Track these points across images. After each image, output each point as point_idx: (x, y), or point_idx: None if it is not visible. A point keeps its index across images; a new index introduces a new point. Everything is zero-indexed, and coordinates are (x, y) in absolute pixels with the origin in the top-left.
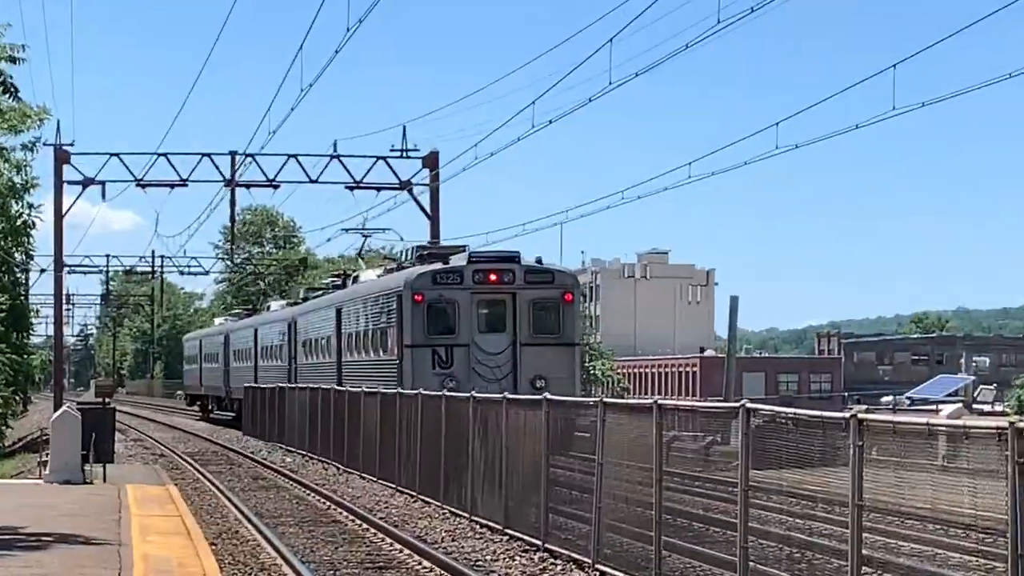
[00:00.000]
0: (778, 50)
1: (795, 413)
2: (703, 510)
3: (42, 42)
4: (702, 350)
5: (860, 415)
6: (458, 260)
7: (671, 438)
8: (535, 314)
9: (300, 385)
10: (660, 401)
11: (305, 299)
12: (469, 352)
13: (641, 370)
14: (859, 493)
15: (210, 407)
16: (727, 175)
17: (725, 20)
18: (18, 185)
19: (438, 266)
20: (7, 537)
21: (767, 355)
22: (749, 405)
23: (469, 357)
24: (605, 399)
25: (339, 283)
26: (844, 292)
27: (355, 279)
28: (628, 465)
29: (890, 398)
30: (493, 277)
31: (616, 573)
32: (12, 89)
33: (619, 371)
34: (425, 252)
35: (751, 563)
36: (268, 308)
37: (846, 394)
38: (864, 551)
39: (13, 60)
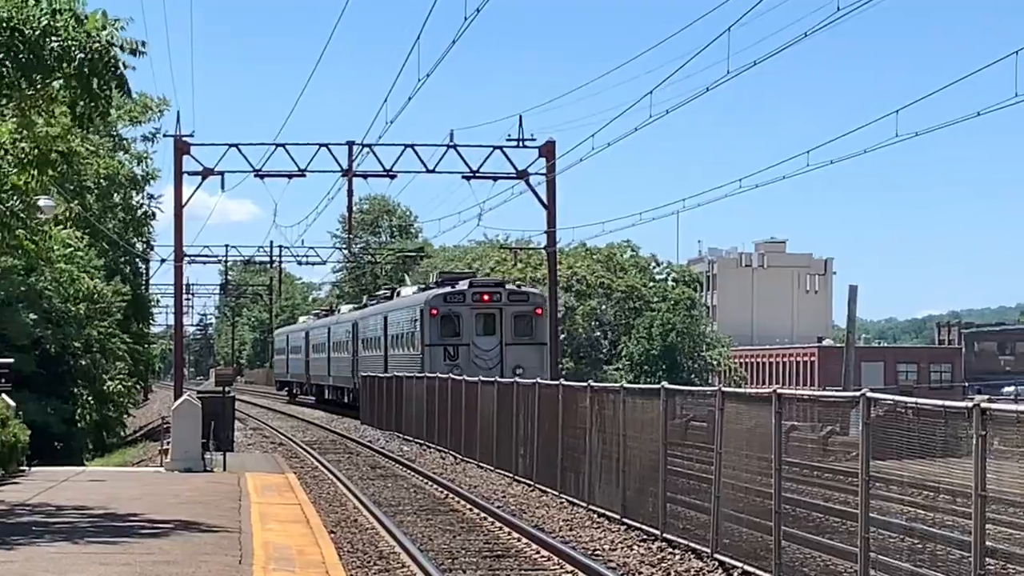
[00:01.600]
0: (898, 37)
1: (916, 402)
2: (823, 500)
3: (162, 34)
4: (820, 340)
5: (983, 404)
6: (462, 285)
7: (789, 428)
8: (515, 323)
9: (417, 375)
10: (779, 390)
11: (364, 306)
12: (470, 349)
13: (758, 360)
14: (982, 484)
15: (295, 391)
16: (846, 163)
17: (844, 8)
18: (139, 176)
19: (448, 289)
20: (130, 524)
21: (886, 345)
22: (870, 394)
23: (470, 353)
24: (724, 388)
25: (388, 295)
26: (964, 281)
27: (398, 293)
28: (746, 455)
29: (1012, 388)
30: (486, 297)
31: (735, 563)
32: (126, 87)
33: (736, 360)
34: (443, 279)
35: (872, 554)
36: (339, 311)
37: (966, 384)
38: (988, 542)
39: (134, 52)
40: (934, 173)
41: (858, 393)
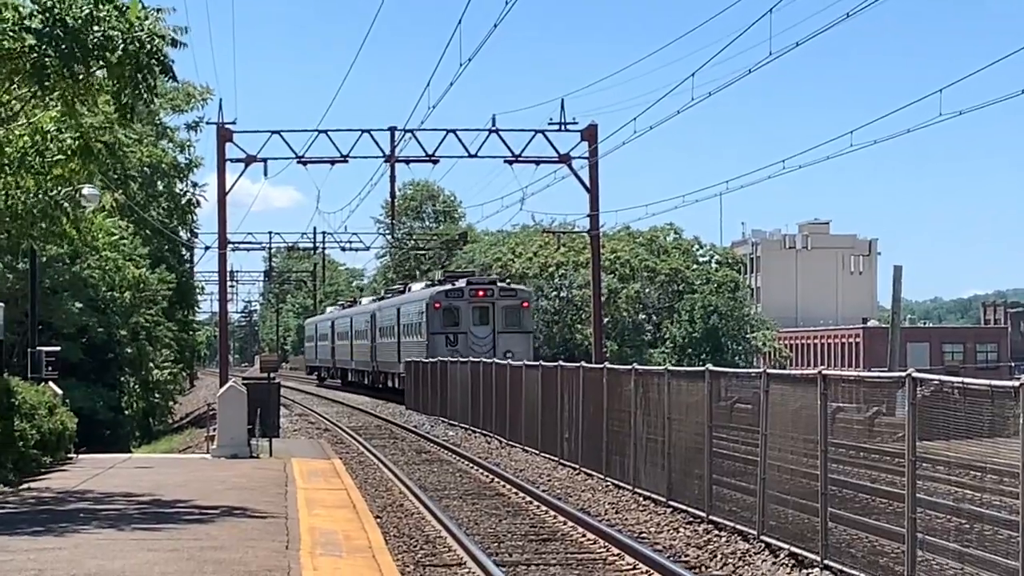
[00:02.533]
0: (941, 16)
1: (962, 382)
2: (869, 481)
3: (204, 21)
4: (865, 321)
5: None
6: (461, 283)
7: (835, 409)
8: (506, 315)
9: (460, 360)
10: (825, 372)
11: (382, 298)
12: (467, 337)
13: (803, 341)
14: None
15: (323, 375)
16: (890, 143)
17: None
18: (182, 164)
19: (449, 286)
20: (176, 510)
21: (931, 325)
22: (915, 375)
23: (467, 340)
24: (769, 370)
25: (402, 289)
26: (1010, 260)
27: (410, 288)
28: (792, 437)
29: None
30: (481, 293)
31: (781, 544)
32: (171, 72)
33: (780, 343)
34: (446, 276)
35: (919, 534)
36: (361, 302)
37: (1013, 364)
38: None
39: (174, 43)
40: (979, 152)
41: (904, 374)
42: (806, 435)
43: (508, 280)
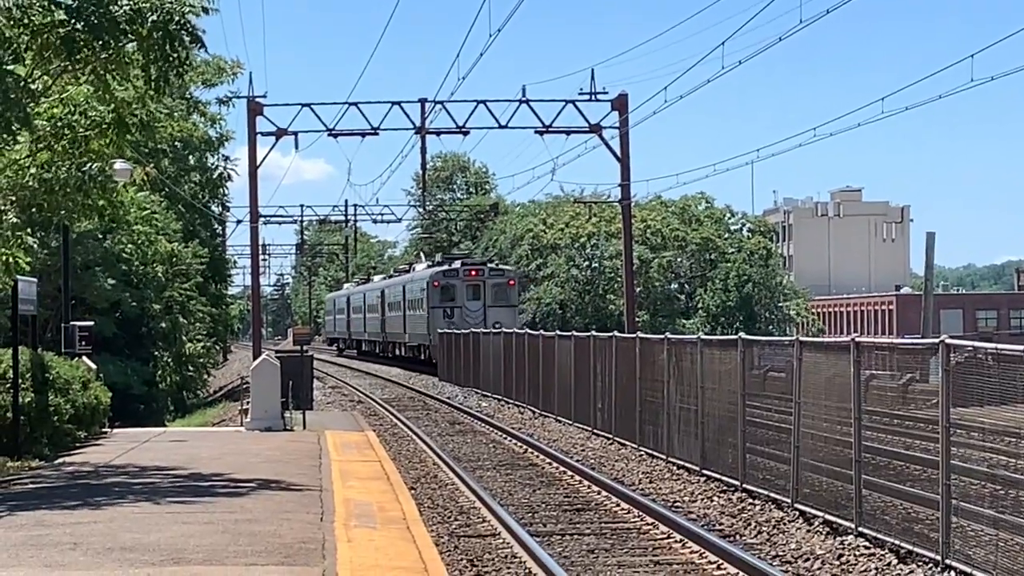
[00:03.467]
0: None
1: (996, 348)
2: (903, 448)
3: None
4: (898, 288)
5: None
6: (457, 264)
7: (868, 377)
8: (494, 291)
9: (493, 331)
10: (858, 339)
11: (390, 276)
12: (462, 311)
13: (836, 309)
14: None
15: (340, 346)
16: (921, 109)
17: None
18: (213, 139)
19: (446, 267)
20: (211, 483)
21: (964, 292)
22: (949, 341)
23: (462, 313)
24: (802, 338)
25: (407, 269)
26: None
27: (413, 268)
28: (825, 404)
29: None
30: (473, 272)
31: (815, 512)
32: (201, 41)
33: (813, 311)
34: (444, 259)
35: (954, 501)
36: (372, 280)
37: None
38: None
39: (205, 10)
40: (1011, 117)
41: (937, 340)
42: (839, 403)
43: (496, 261)
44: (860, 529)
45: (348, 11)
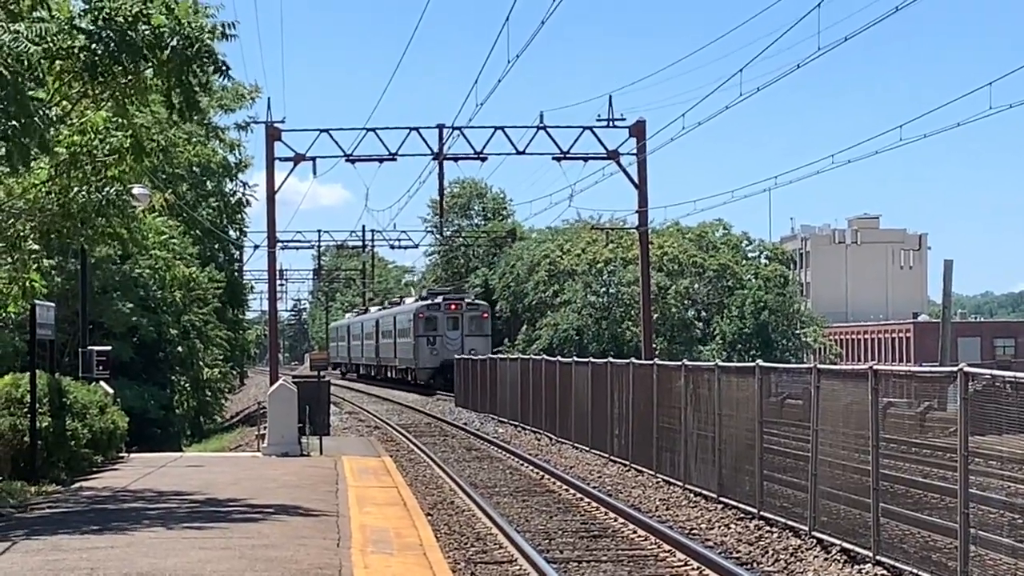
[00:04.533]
0: (990, 8)
1: (1015, 377)
2: (921, 477)
3: (253, 21)
4: (915, 315)
5: None
6: (439, 299)
7: (886, 404)
8: (471, 322)
9: (510, 356)
10: (876, 367)
11: (384, 308)
12: (443, 339)
13: (853, 336)
14: None
15: (343, 370)
16: (940, 137)
17: None
18: (232, 164)
19: (430, 301)
20: (228, 509)
21: (982, 319)
22: (967, 369)
23: (443, 342)
24: (819, 365)
25: (398, 301)
26: None
27: (403, 301)
28: (843, 432)
29: None
30: (453, 306)
31: (833, 540)
32: (224, 67)
33: (830, 338)
34: (430, 293)
35: (972, 529)
36: (368, 311)
37: None
38: None
39: (224, 36)
40: None
41: (955, 368)
42: (857, 430)
43: (473, 296)
44: (878, 558)
45: (366, 37)
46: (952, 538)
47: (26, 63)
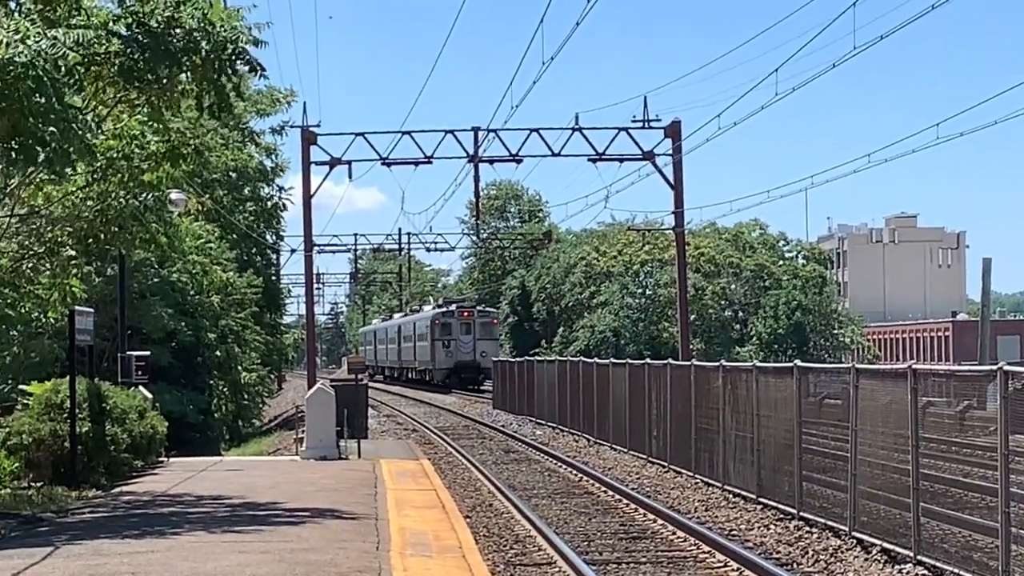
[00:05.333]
0: None
1: None
2: (961, 476)
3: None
4: (954, 314)
5: None
6: (453, 307)
7: (925, 404)
8: (482, 328)
9: (548, 359)
10: (915, 366)
11: (406, 315)
12: (457, 343)
13: (891, 336)
14: None
15: (371, 373)
16: (977, 135)
17: None
18: (268, 169)
19: (445, 308)
20: (267, 512)
21: (1022, 318)
22: (1007, 368)
23: (457, 345)
24: (858, 365)
25: (418, 309)
26: None
27: (422, 308)
28: (882, 432)
29: None
30: (466, 314)
31: (873, 540)
32: (259, 67)
33: (869, 337)
34: (446, 302)
35: (1013, 528)
36: (392, 317)
37: None
38: None
39: (256, 43)
40: None
41: (995, 367)
42: (896, 430)
43: (484, 305)
44: (919, 558)
45: (401, 40)
46: (993, 537)
47: (63, 69)
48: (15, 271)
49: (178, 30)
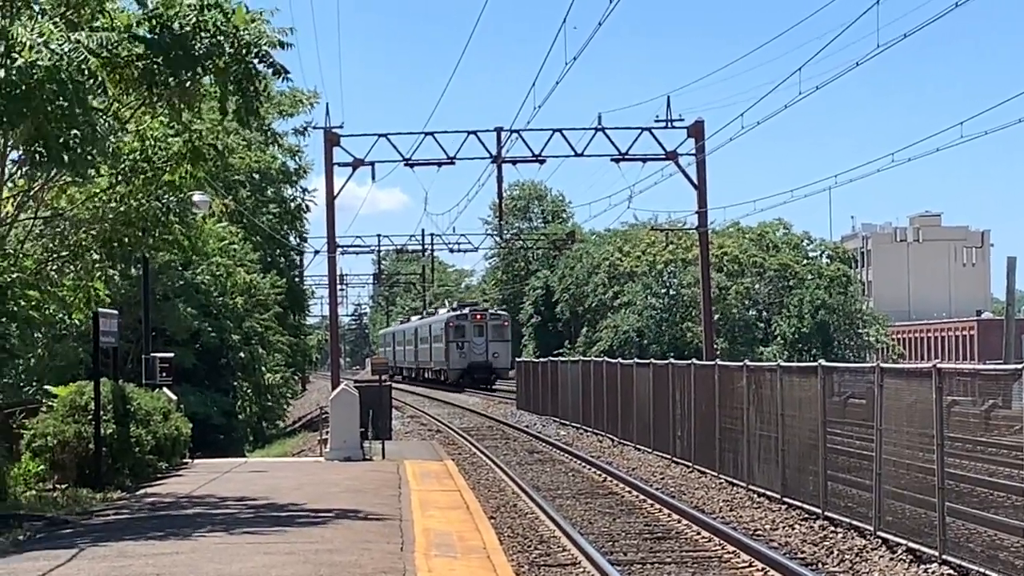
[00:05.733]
0: None
1: None
2: (987, 475)
3: (310, 26)
4: (979, 313)
5: None
6: (466, 310)
7: (950, 403)
8: (494, 330)
9: (571, 359)
10: (940, 365)
11: (423, 318)
12: (470, 345)
13: (916, 335)
14: None
15: (391, 373)
16: (1001, 133)
17: None
18: (292, 170)
19: (459, 312)
20: (291, 514)
21: None
22: None
23: (470, 346)
24: (882, 364)
25: (434, 312)
26: None
27: (438, 311)
28: (907, 431)
29: None
30: (479, 316)
31: (899, 540)
32: (282, 70)
33: (893, 337)
34: (460, 306)
35: None
36: (410, 320)
37: None
38: None
39: (281, 45)
40: None
41: (1020, 366)
42: (921, 429)
43: (496, 307)
44: (944, 557)
45: (424, 41)
46: (1020, 537)
47: (86, 72)
48: (39, 273)
49: (202, 34)
